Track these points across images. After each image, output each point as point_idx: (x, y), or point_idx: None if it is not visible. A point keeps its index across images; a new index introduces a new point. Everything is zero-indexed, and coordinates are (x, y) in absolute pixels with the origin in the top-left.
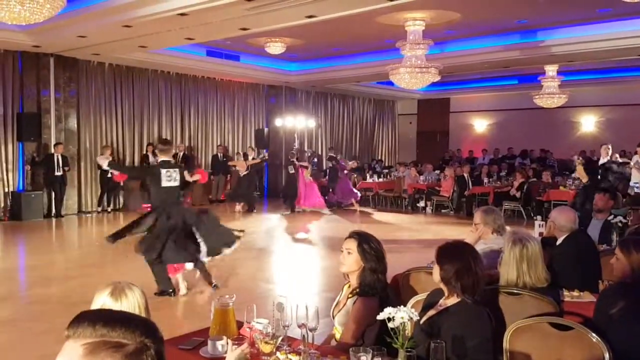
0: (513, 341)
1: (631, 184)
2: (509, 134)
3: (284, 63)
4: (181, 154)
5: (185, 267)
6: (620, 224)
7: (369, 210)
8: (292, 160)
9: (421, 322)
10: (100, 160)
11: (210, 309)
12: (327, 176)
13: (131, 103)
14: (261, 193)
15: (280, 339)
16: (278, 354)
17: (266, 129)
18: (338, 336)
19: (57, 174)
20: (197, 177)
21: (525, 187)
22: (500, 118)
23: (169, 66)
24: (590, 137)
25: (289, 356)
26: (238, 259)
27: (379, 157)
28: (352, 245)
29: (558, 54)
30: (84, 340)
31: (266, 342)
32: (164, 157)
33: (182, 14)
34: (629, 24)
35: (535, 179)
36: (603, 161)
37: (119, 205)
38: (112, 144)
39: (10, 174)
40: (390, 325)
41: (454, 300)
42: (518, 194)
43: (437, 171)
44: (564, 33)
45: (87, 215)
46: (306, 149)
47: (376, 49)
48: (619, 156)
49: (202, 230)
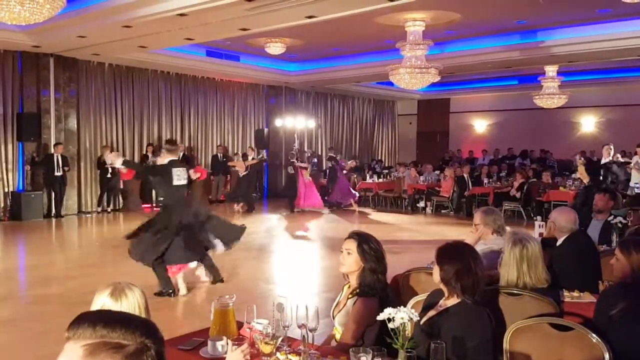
0: (513, 342)
1: (631, 184)
2: (509, 135)
3: (284, 63)
4: (181, 154)
5: (188, 266)
6: (620, 225)
7: (368, 210)
8: (291, 160)
9: (421, 322)
10: (111, 158)
11: (210, 309)
12: (327, 176)
13: (131, 103)
14: (261, 193)
15: (280, 339)
16: (278, 354)
17: (266, 129)
18: (338, 336)
19: (57, 174)
20: (198, 175)
21: (525, 187)
22: (500, 118)
23: (168, 66)
24: (591, 138)
25: (289, 356)
26: (238, 259)
27: (379, 158)
28: (352, 245)
29: (558, 54)
30: (84, 341)
31: (266, 343)
32: (171, 157)
33: (182, 14)
34: (629, 25)
35: (535, 180)
36: (605, 161)
37: (118, 206)
38: (112, 144)
39: (10, 174)
40: (391, 325)
41: (454, 300)
42: (518, 195)
43: (437, 171)
44: (564, 33)
45: (87, 216)
46: (306, 149)
47: (376, 49)
48: (620, 156)
49: (212, 225)
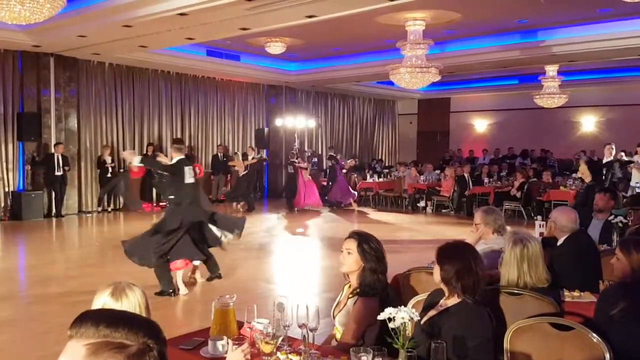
0: (514, 341)
1: (632, 183)
2: (509, 134)
3: (284, 63)
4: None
5: (192, 264)
6: (620, 224)
7: (369, 210)
8: (291, 160)
9: (422, 322)
10: (127, 156)
11: (210, 309)
12: (327, 175)
13: (131, 103)
14: (261, 193)
15: (280, 339)
16: (278, 354)
17: (266, 129)
18: (339, 336)
19: (57, 173)
20: (198, 171)
21: (526, 187)
22: (500, 118)
23: (169, 66)
24: (591, 137)
25: (290, 356)
26: (238, 258)
27: (379, 157)
28: (352, 245)
29: (558, 54)
30: (86, 340)
31: (267, 342)
32: (180, 156)
33: (182, 13)
34: (629, 24)
35: (535, 179)
36: (607, 160)
37: (119, 205)
38: (112, 143)
39: (11, 174)
40: (391, 325)
41: (454, 300)
42: (518, 194)
43: (438, 171)
44: (564, 33)
45: (87, 215)
46: (306, 148)
47: (376, 48)
48: (624, 154)
49: (216, 219)
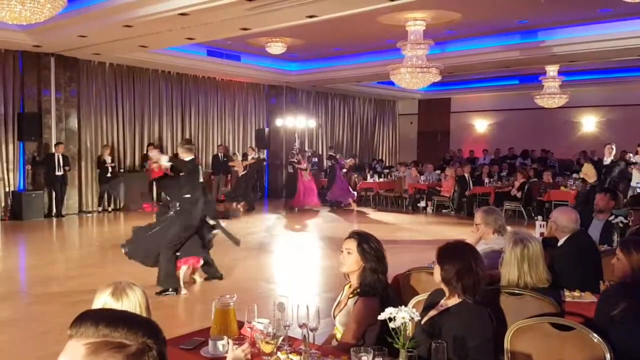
0: (514, 341)
1: (633, 184)
2: (509, 134)
3: (285, 63)
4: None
5: (199, 263)
6: (621, 225)
7: (369, 210)
8: (291, 160)
9: (422, 322)
10: (156, 156)
11: (211, 309)
12: (327, 175)
13: (132, 103)
14: (262, 193)
15: (281, 339)
16: (279, 354)
17: (267, 129)
18: (339, 336)
19: (57, 173)
20: None
21: (526, 187)
22: (501, 118)
23: (169, 66)
24: (591, 137)
25: (290, 356)
26: (238, 258)
27: (380, 157)
28: (352, 245)
29: (559, 54)
30: (86, 340)
31: (267, 342)
32: (190, 156)
33: (183, 13)
34: (629, 24)
35: (536, 179)
36: (607, 160)
37: (119, 205)
38: (112, 143)
39: (11, 174)
40: (392, 325)
41: (455, 300)
42: (519, 194)
43: (438, 171)
44: (564, 33)
45: (88, 215)
46: (307, 148)
47: (377, 49)
48: (632, 155)
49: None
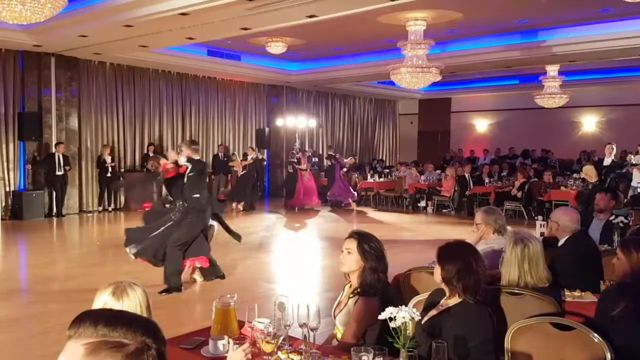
0: (514, 341)
1: (633, 184)
2: (510, 134)
3: (285, 63)
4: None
5: (207, 263)
6: (621, 224)
7: (369, 210)
8: (291, 160)
9: (422, 322)
10: (174, 156)
11: (211, 308)
12: (327, 174)
13: (132, 103)
14: (262, 193)
15: (281, 338)
16: (279, 353)
17: (267, 129)
18: (339, 336)
19: (58, 173)
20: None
21: (527, 187)
22: (501, 118)
23: (169, 66)
24: (592, 137)
25: (291, 356)
26: (238, 258)
27: (380, 157)
28: (352, 245)
29: (559, 54)
30: (85, 340)
31: (267, 342)
32: (198, 156)
33: (183, 13)
34: (630, 24)
35: (536, 179)
36: (608, 160)
37: (119, 205)
38: (113, 143)
39: (12, 174)
40: (392, 325)
41: (455, 300)
42: (519, 194)
43: (438, 171)
44: (565, 33)
45: (88, 215)
46: (307, 148)
47: (377, 48)
48: (633, 155)
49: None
